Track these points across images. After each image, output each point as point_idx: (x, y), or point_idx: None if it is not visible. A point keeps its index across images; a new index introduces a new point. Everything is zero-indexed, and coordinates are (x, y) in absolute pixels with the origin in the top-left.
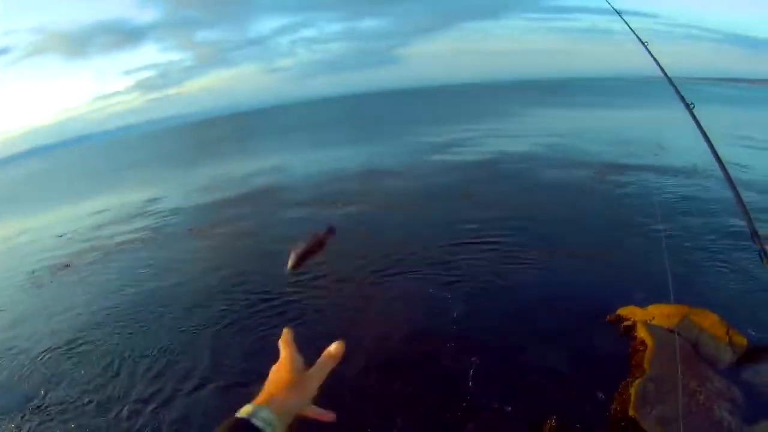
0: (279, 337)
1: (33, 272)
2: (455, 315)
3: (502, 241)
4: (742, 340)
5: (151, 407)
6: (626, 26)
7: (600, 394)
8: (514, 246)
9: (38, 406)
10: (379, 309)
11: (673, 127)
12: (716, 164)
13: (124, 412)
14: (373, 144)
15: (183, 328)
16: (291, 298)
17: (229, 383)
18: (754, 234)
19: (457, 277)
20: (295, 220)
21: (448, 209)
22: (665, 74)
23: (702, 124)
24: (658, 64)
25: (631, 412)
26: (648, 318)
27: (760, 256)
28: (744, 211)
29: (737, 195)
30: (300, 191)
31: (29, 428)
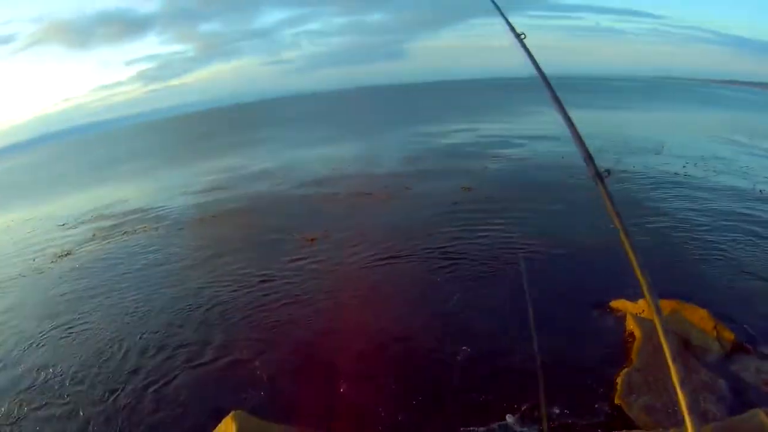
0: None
1: (34, 259)
2: (455, 298)
3: (502, 229)
4: (729, 335)
5: (147, 386)
6: (505, 20)
7: (590, 382)
8: (513, 233)
9: (36, 385)
10: (377, 292)
11: (675, 127)
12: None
13: (123, 391)
14: (368, 137)
15: (181, 309)
16: (290, 281)
17: (228, 361)
18: (589, 159)
19: (456, 261)
20: (294, 209)
21: (447, 201)
22: (539, 70)
23: (569, 113)
24: (533, 59)
25: (617, 401)
26: (638, 311)
27: (594, 180)
28: (581, 143)
29: (573, 127)
30: (298, 183)
31: (30, 407)
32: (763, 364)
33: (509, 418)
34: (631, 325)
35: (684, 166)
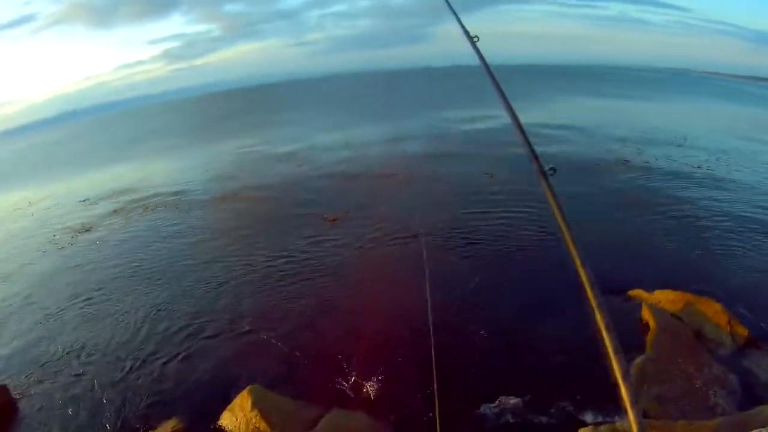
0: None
1: (55, 235)
2: (476, 281)
3: (524, 216)
4: (743, 331)
5: (164, 359)
6: (458, 22)
7: (604, 368)
8: (533, 220)
9: (53, 358)
10: (396, 273)
11: (697, 120)
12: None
13: (140, 364)
14: (391, 121)
15: (199, 283)
16: (310, 259)
17: (245, 336)
18: (534, 157)
19: (477, 242)
20: (316, 190)
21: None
22: (488, 70)
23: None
24: (483, 59)
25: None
26: (654, 302)
27: (538, 177)
28: (524, 137)
29: (518, 125)
30: (320, 164)
31: (47, 379)
32: None
33: (512, 400)
34: (646, 314)
35: (706, 160)
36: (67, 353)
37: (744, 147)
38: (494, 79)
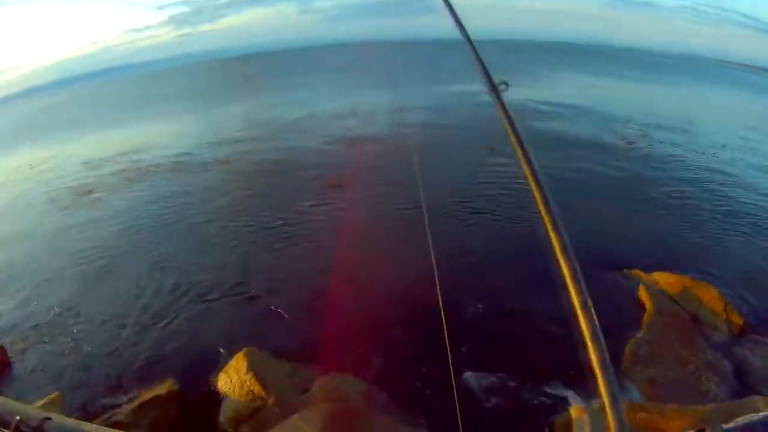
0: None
1: (57, 196)
2: (476, 251)
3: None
4: (738, 319)
5: (160, 320)
6: None
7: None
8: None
9: (48, 320)
10: (397, 241)
11: (703, 107)
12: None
13: (136, 325)
14: (398, 90)
15: (199, 246)
16: (310, 224)
17: (242, 298)
18: (485, 73)
19: (478, 211)
20: (319, 156)
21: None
22: (470, 42)
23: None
24: (463, 29)
25: (623, 367)
26: (652, 283)
27: (490, 93)
28: (473, 50)
29: (469, 41)
30: (326, 131)
31: (42, 341)
32: None
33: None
34: (643, 295)
35: (711, 146)
36: (64, 314)
37: (750, 136)
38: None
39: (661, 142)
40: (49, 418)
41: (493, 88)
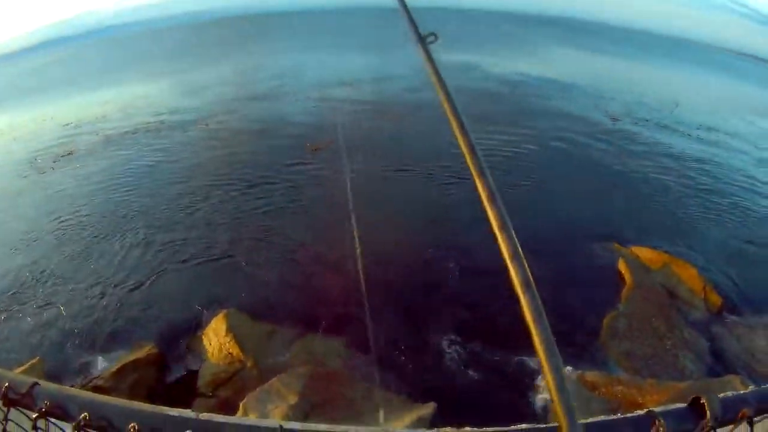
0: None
1: (36, 159)
2: (458, 218)
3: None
4: (717, 299)
5: (138, 283)
6: None
7: (579, 319)
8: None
9: (28, 284)
10: (377, 203)
11: (691, 90)
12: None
13: (113, 288)
14: (382, 55)
15: (177, 207)
16: (291, 185)
17: (221, 260)
18: (412, 23)
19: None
20: (301, 118)
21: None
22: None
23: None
24: None
25: (601, 340)
26: (632, 257)
27: (417, 44)
28: (404, 6)
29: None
30: (307, 93)
31: (16, 305)
32: (745, 333)
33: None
34: (623, 268)
35: (696, 129)
36: (39, 279)
37: (737, 121)
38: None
39: (646, 120)
40: (37, 384)
41: (421, 40)
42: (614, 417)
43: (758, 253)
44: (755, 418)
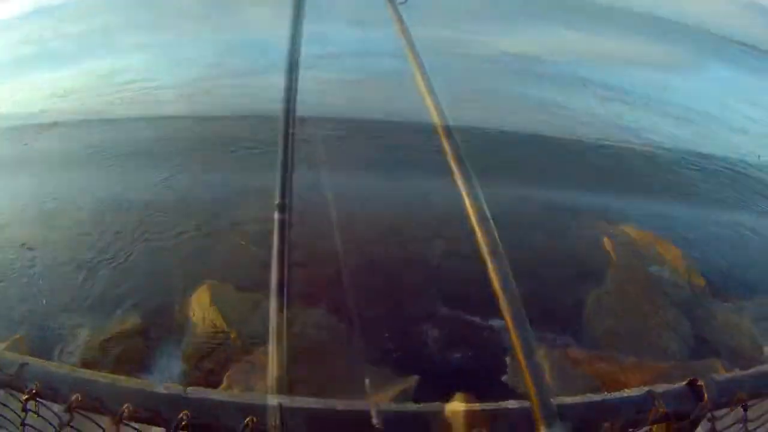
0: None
1: (19, 130)
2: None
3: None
4: (700, 281)
5: (114, 255)
6: None
7: (564, 292)
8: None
9: (10, 260)
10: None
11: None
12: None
13: (100, 261)
14: None
15: (161, 176)
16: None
17: (206, 228)
18: None
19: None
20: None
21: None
22: None
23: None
24: None
25: (585, 317)
26: (617, 234)
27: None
28: None
29: None
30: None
31: (5, 281)
32: (728, 316)
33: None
34: (608, 246)
35: (687, 110)
36: (20, 255)
37: (728, 105)
38: None
39: (635, 100)
40: (26, 364)
41: (390, 1)
42: (612, 395)
43: (744, 237)
44: (749, 402)
